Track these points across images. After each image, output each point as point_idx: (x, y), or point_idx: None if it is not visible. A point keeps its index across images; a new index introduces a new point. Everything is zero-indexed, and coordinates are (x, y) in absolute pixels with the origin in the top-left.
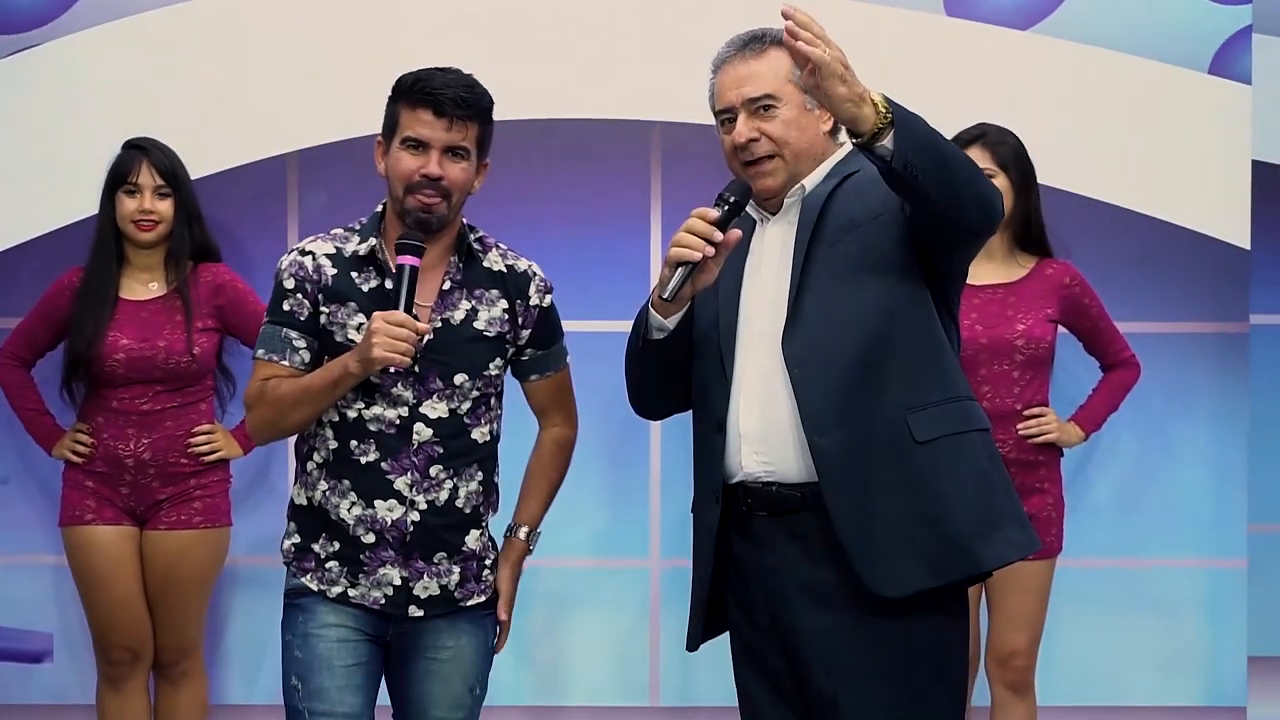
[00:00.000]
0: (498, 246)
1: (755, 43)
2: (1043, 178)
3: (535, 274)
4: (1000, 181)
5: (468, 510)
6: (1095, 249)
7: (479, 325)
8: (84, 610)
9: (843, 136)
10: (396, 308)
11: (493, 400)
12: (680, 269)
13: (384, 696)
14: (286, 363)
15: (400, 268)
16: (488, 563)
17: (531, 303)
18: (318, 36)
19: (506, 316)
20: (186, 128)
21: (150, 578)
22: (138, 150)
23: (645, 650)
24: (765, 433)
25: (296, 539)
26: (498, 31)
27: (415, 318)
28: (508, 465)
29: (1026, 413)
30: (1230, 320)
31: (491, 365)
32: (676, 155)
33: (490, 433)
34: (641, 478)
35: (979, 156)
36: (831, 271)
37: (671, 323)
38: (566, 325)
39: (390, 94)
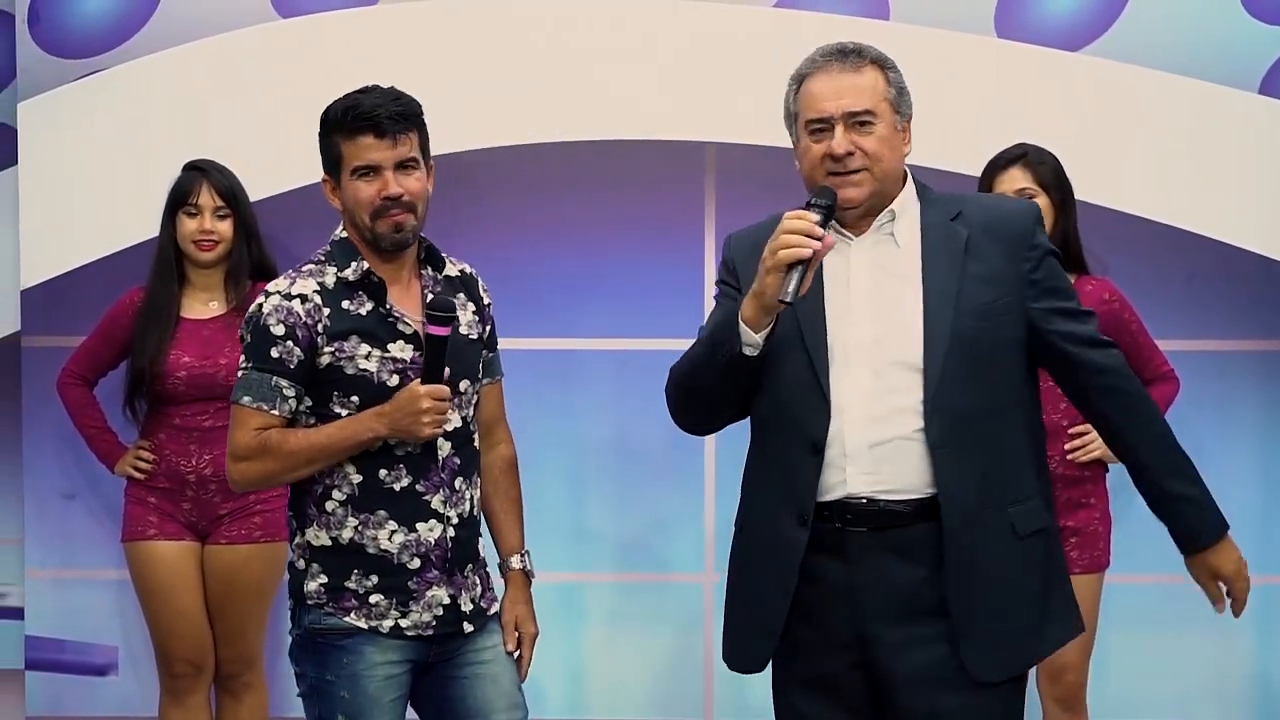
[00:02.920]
0: (443, 253)
1: (854, 55)
2: (1093, 196)
3: (478, 276)
4: (1041, 201)
5: (476, 515)
6: (1145, 267)
7: (464, 330)
8: (147, 624)
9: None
10: (428, 379)
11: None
12: (796, 269)
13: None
14: (276, 412)
15: (430, 337)
16: (487, 568)
17: (484, 302)
18: (376, 60)
19: (477, 318)
20: (250, 149)
21: (211, 591)
22: (197, 172)
23: (699, 665)
24: (878, 453)
25: (324, 579)
26: (550, 55)
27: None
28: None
29: (1072, 430)
30: (1278, 338)
31: (481, 368)
32: (731, 176)
33: (479, 437)
34: (696, 492)
35: (1019, 176)
36: (971, 354)
37: (762, 337)
38: (622, 344)
39: (321, 129)
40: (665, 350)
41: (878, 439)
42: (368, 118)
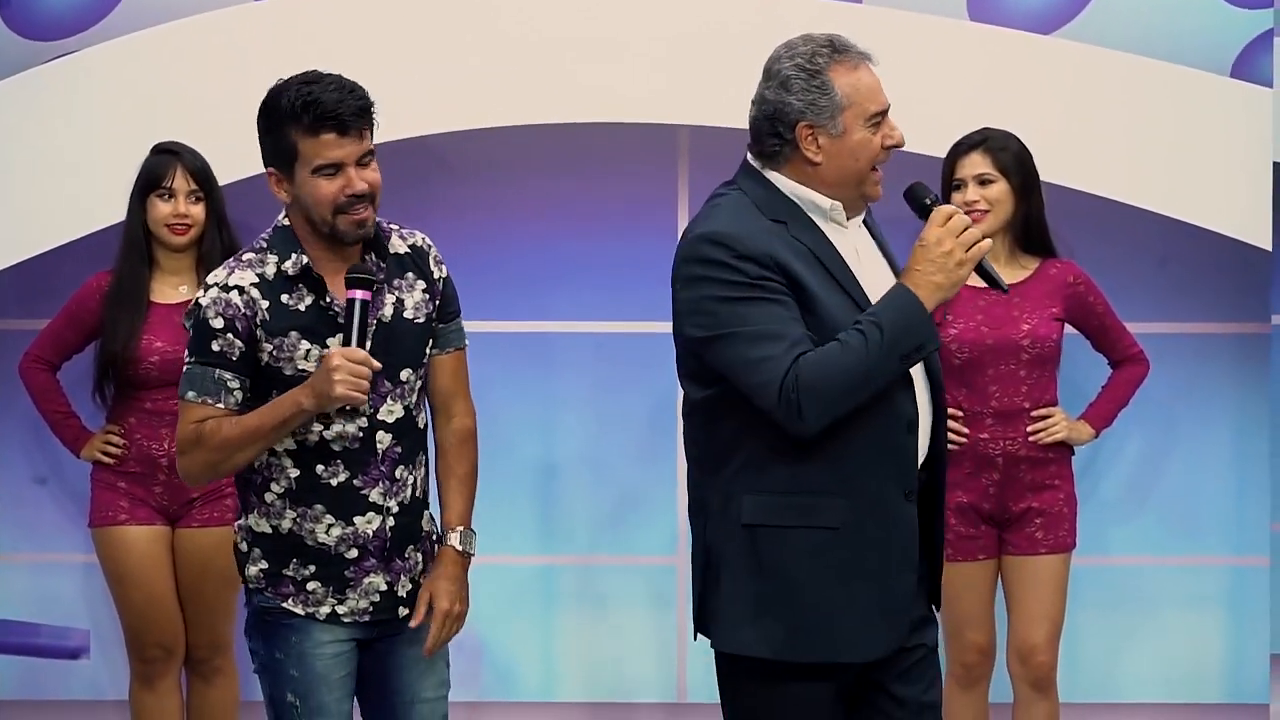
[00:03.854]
0: (391, 226)
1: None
2: (1066, 180)
3: (430, 245)
4: (1000, 187)
5: (421, 496)
6: (1119, 250)
7: (408, 315)
8: (117, 610)
9: None
10: (348, 342)
11: (423, 386)
12: (984, 260)
13: None
14: (221, 405)
15: (351, 301)
16: (435, 538)
17: (435, 275)
18: (347, 43)
19: (427, 296)
20: (223, 132)
21: (183, 575)
22: (170, 155)
23: (673, 646)
24: (932, 422)
25: (264, 564)
26: (524, 39)
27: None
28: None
29: (1035, 414)
30: (1252, 320)
31: (428, 352)
32: (704, 159)
33: (427, 415)
34: (668, 475)
35: (980, 161)
36: None
37: None
38: (595, 327)
39: (268, 119)
40: (639, 333)
41: (934, 409)
42: (331, 115)
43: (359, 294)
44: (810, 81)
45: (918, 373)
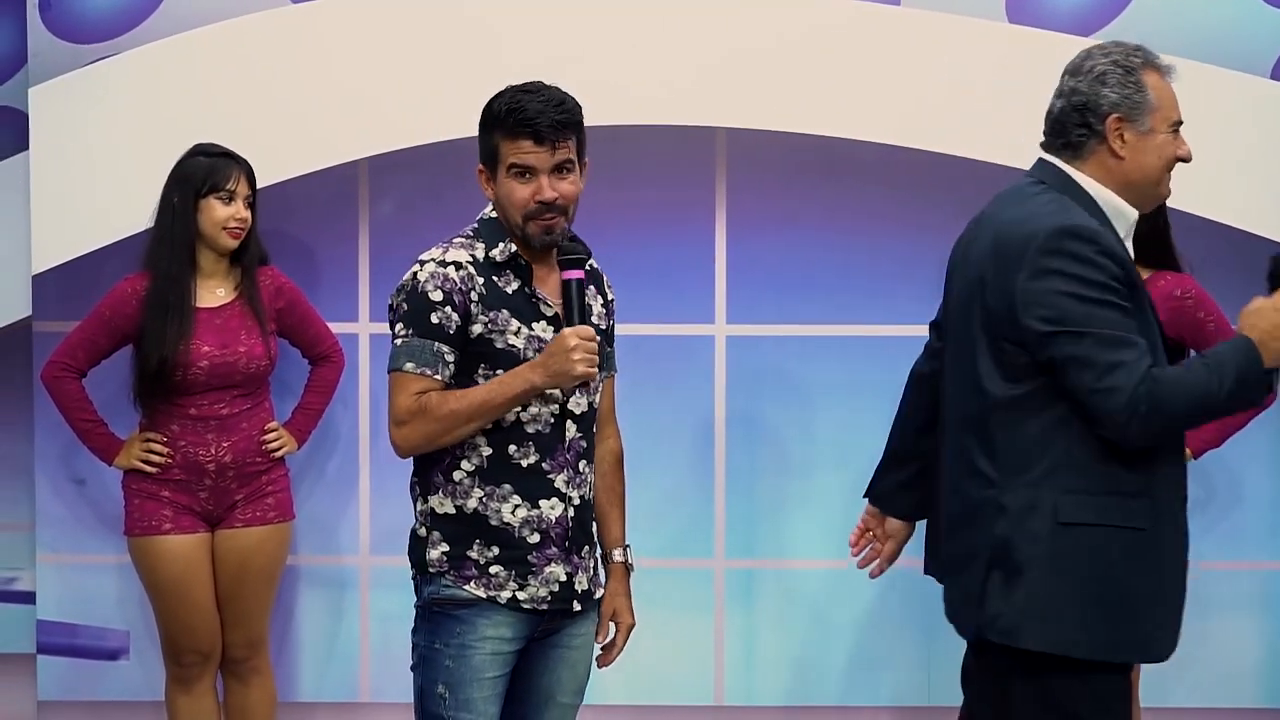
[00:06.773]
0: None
1: None
2: None
3: (603, 272)
4: None
5: (592, 500)
6: None
7: (594, 320)
8: (155, 616)
9: None
10: (570, 321)
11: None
12: None
13: None
14: (439, 376)
15: (568, 282)
16: (599, 554)
17: (609, 297)
18: (385, 46)
19: (605, 311)
20: (261, 134)
21: (222, 575)
22: (229, 158)
23: (710, 650)
24: None
25: (446, 548)
26: (561, 38)
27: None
28: None
29: None
30: None
31: (607, 358)
32: (741, 161)
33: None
34: (707, 479)
35: None
36: None
37: None
38: (632, 329)
39: (482, 121)
40: (678, 336)
41: None
42: (529, 124)
43: (574, 274)
44: (1126, 78)
45: None
